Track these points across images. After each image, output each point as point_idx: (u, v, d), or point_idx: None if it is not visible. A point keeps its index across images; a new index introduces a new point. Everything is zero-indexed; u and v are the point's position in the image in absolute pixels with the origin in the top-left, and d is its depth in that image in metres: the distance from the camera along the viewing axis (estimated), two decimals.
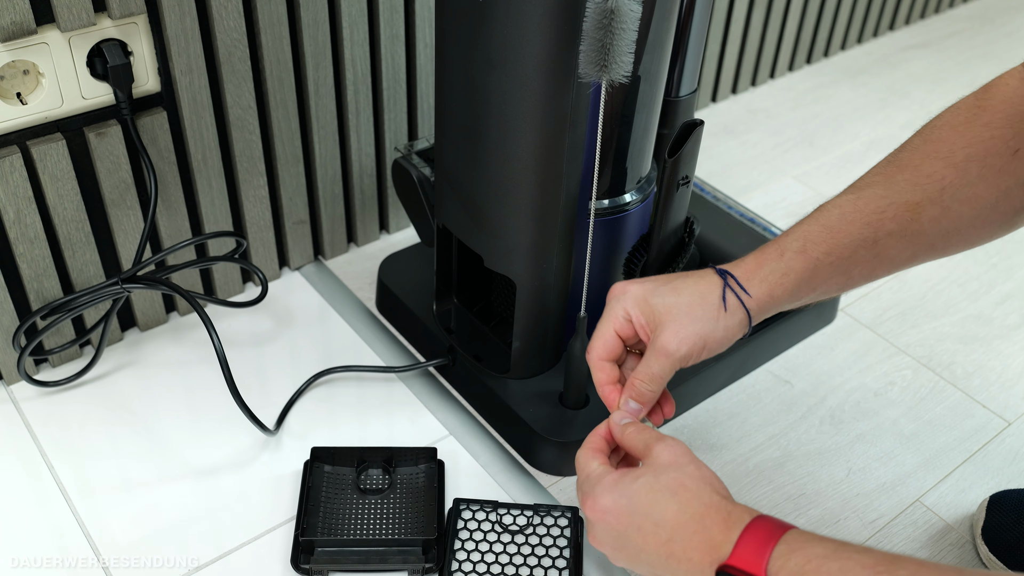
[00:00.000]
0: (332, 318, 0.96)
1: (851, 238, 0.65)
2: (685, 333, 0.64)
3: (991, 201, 0.64)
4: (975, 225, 0.65)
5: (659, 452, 0.61)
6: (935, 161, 0.65)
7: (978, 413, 0.89)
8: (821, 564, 0.52)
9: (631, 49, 0.60)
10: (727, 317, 0.65)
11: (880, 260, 0.66)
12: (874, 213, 0.65)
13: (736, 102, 1.32)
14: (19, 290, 0.83)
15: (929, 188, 0.64)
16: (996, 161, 0.63)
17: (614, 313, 0.67)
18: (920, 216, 0.64)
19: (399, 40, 0.92)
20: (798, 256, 0.65)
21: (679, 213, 0.77)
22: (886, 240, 0.65)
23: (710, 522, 0.57)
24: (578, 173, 0.71)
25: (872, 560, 0.51)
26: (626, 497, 0.59)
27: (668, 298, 0.65)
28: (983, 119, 0.65)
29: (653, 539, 0.58)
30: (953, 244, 0.66)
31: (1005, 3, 1.60)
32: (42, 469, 0.80)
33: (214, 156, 0.87)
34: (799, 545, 0.53)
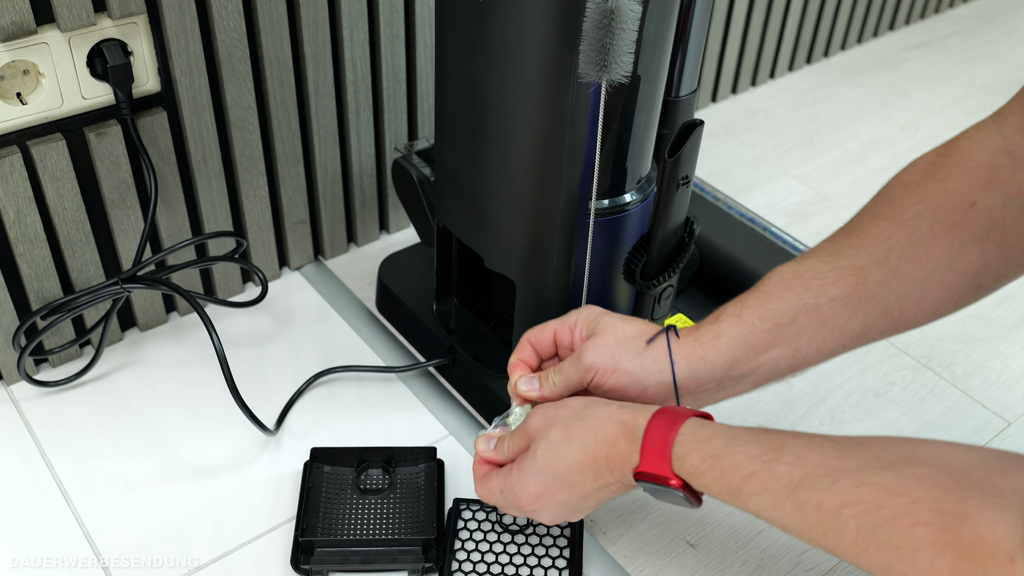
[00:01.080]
0: (332, 318, 0.96)
1: (789, 303, 0.63)
2: (604, 349, 0.65)
3: (944, 259, 0.61)
4: (930, 287, 0.61)
5: (532, 425, 0.65)
6: (882, 222, 0.62)
7: (978, 413, 0.89)
8: (714, 463, 0.56)
9: (631, 49, 0.60)
10: (647, 355, 0.65)
11: (828, 329, 0.63)
12: (815, 278, 0.63)
13: (736, 102, 1.32)
14: (19, 290, 0.83)
15: (874, 249, 0.62)
16: (948, 215, 0.60)
17: (567, 318, 0.69)
18: (866, 279, 0.61)
19: (399, 40, 0.92)
20: (733, 319, 0.64)
21: (679, 213, 0.77)
22: (829, 306, 0.62)
23: (613, 438, 0.60)
24: (578, 173, 0.71)
25: (759, 450, 0.54)
26: (541, 473, 0.63)
27: (615, 322, 0.67)
28: (938, 174, 0.62)
29: (585, 483, 0.62)
30: (911, 312, 0.63)
31: (1005, 3, 1.60)
32: (42, 469, 0.80)
33: (214, 156, 0.87)
34: (693, 445, 0.57)
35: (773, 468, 0.53)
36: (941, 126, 1.29)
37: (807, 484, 0.51)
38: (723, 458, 0.55)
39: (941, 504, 0.46)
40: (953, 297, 0.62)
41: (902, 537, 0.46)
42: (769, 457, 0.54)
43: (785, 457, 0.53)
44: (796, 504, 0.51)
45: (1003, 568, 0.43)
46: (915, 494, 0.47)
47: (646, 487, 0.59)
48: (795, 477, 0.52)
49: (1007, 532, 0.43)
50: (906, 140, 1.26)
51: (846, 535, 0.49)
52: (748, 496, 0.54)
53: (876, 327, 0.63)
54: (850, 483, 0.49)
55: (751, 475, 0.54)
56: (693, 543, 0.76)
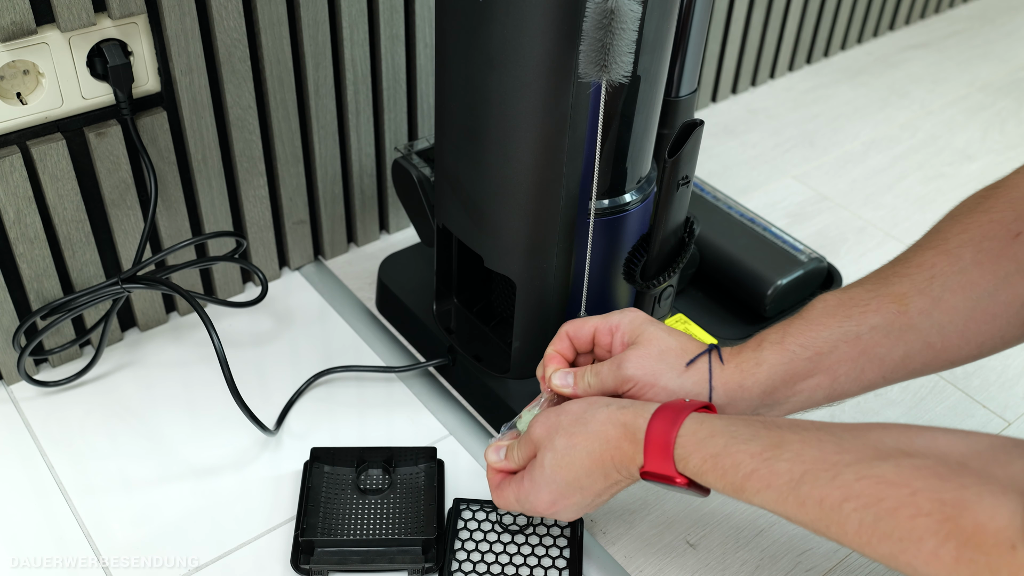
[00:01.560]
0: (332, 318, 0.96)
1: (830, 331, 0.62)
2: (644, 362, 0.66)
3: (988, 289, 0.60)
4: (973, 318, 0.60)
5: (536, 434, 0.66)
6: (926, 251, 0.62)
7: (978, 413, 0.89)
8: (715, 463, 0.56)
9: (631, 49, 0.60)
10: (687, 376, 0.65)
11: (868, 359, 0.62)
12: (857, 306, 0.62)
13: (736, 102, 1.32)
14: (19, 290, 0.83)
15: (917, 277, 0.61)
16: (993, 245, 0.60)
17: (609, 317, 0.70)
18: (907, 308, 0.61)
19: (399, 40, 0.92)
20: (774, 347, 0.64)
21: (679, 213, 0.77)
22: (870, 335, 0.61)
23: (616, 440, 0.61)
24: (578, 173, 0.71)
25: (759, 447, 0.55)
26: (551, 482, 0.64)
27: (659, 333, 0.67)
28: (985, 205, 0.61)
29: (596, 484, 0.63)
30: (953, 344, 0.61)
31: (1005, 3, 1.60)
32: (42, 469, 0.80)
33: (214, 156, 0.87)
34: (693, 446, 0.58)
35: (774, 465, 0.54)
36: (941, 126, 1.29)
37: (808, 480, 0.52)
38: (724, 457, 0.56)
39: (940, 494, 0.46)
40: (999, 330, 0.61)
41: (904, 528, 0.47)
42: (769, 455, 0.54)
43: (785, 454, 0.54)
44: (798, 500, 0.52)
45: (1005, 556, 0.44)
46: (914, 484, 0.47)
47: (653, 483, 0.61)
48: (796, 473, 0.53)
49: (1007, 520, 0.44)
50: (906, 140, 1.26)
51: (849, 528, 0.50)
52: (751, 493, 0.55)
53: (918, 359, 0.62)
54: (850, 476, 0.50)
55: (752, 473, 0.54)
56: (693, 543, 0.76)
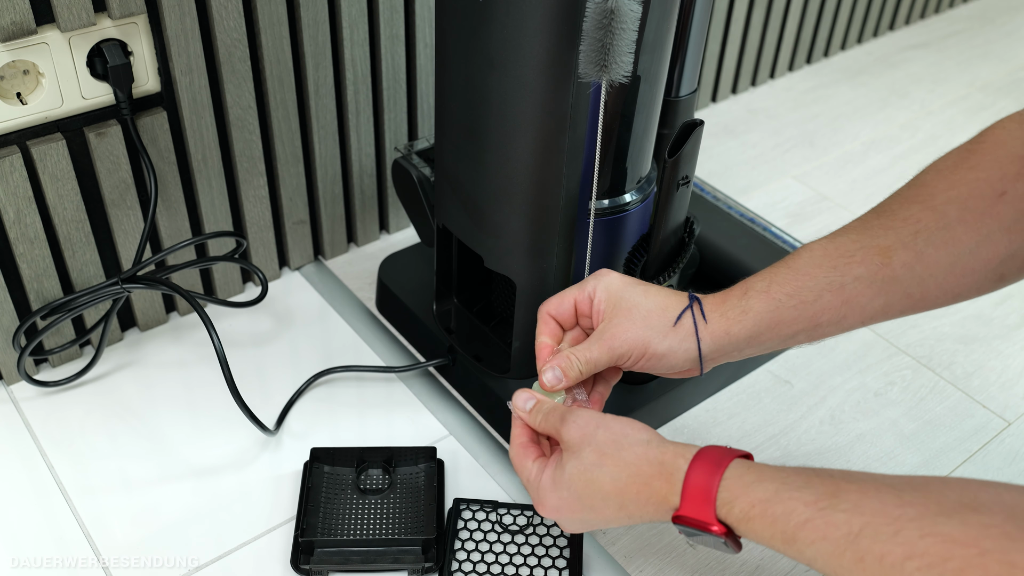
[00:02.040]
0: (332, 318, 0.96)
1: (816, 280, 0.63)
2: (631, 334, 0.65)
3: (970, 246, 0.61)
4: (953, 272, 0.62)
5: (567, 433, 0.62)
6: (912, 205, 0.63)
7: (978, 413, 0.89)
8: (765, 508, 0.53)
9: (631, 49, 0.60)
10: (674, 335, 0.65)
11: (850, 307, 0.63)
12: (842, 256, 0.63)
13: (736, 102, 1.32)
14: (19, 290, 0.83)
15: (902, 231, 0.62)
16: (979, 203, 0.61)
17: (584, 286, 0.68)
18: (891, 260, 0.62)
19: (399, 40, 0.92)
20: (760, 295, 0.64)
21: (679, 213, 0.77)
22: (854, 285, 0.62)
23: (647, 477, 0.59)
24: (578, 173, 0.71)
25: (813, 496, 0.52)
26: (565, 489, 0.62)
27: (637, 297, 0.66)
28: (970, 162, 0.62)
29: (608, 510, 0.61)
30: (932, 295, 0.63)
31: (1005, 3, 1.60)
32: (42, 469, 0.80)
33: (214, 156, 0.87)
34: (740, 490, 0.55)
35: (830, 516, 0.51)
36: (941, 126, 1.29)
37: (868, 534, 0.49)
38: (775, 504, 0.53)
39: (1010, 555, 0.44)
40: (975, 283, 0.63)
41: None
42: (825, 504, 0.51)
43: (842, 504, 0.51)
44: (857, 555, 0.49)
45: None
46: (983, 545, 0.45)
47: (684, 529, 0.57)
48: (855, 526, 0.50)
49: None
50: (906, 140, 1.26)
51: None
52: (804, 544, 0.52)
53: (896, 307, 0.64)
54: (913, 533, 0.47)
55: (806, 522, 0.51)
56: (693, 543, 0.76)
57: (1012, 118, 0.63)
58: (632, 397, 0.83)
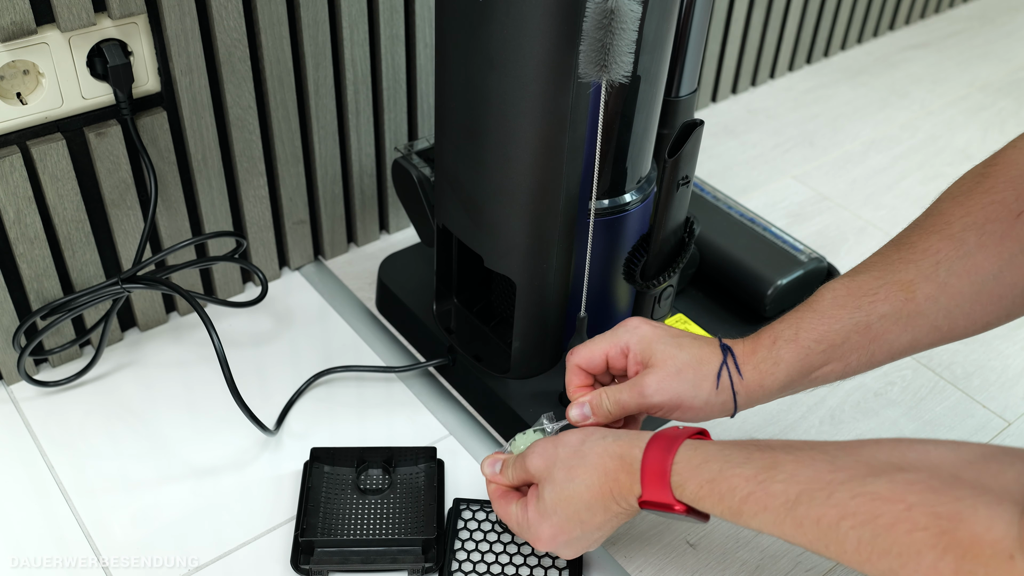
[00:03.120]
0: (332, 318, 0.96)
1: (842, 323, 0.63)
2: (667, 386, 0.66)
3: (993, 271, 0.60)
4: (979, 301, 0.61)
5: (533, 464, 0.66)
6: (931, 236, 0.62)
7: (978, 413, 0.89)
8: (712, 488, 0.57)
9: (631, 49, 0.60)
10: (709, 390, 0.66)
11: (878, 345, 0.63)
12: (866, 295, 0.63)
13: (736, 102, 1.32)
14: (19, 290, 0.83)
15: (923, 264, 0.62)
16: (997, 227, 0.60)
17: (616, 339, 0.69)
18: (915, 295, 0.62)
19: (399, 40, 0.92)
20: (789, 345, 0.65)
21: (679, 213, 0.77)
22: (880, 323, 0.62)
23: (613, 472, 0.62)
24: (578, 173, 0.71)
25: (753, 470, 0.56)
26: (552, 515, 0.64)
27: (670, 349, 0.67)
28: (984, 185, 0.62)
29: (596, 517, 0.63)
30: (960, 325, 0.62)
31: (1005, 3, 1.60)
32: (42, 469, 0.80)
33: (214, 156, 0.87)
34: (689, 473, 0.58)
35: (769, 487, 0.54)
36: (941, 126, 1.29)
37: (804, 500, 0.52)
38: (719, 482, 0.57)
39: (935, 507, 0.47)
40: (1004, 309, 0.62)
41: (902, 543, 0.47)
42: (764, 477, 0.55)
43: (779, 475, 0.54)
44: (795, 521, 0.53)
45: (1004, 566, 0.44)
46: (909, 500, 0.48)
47: (652, 512, 0.61)
48: (791, 494, 0.53)
49: (1003, 531, 0.44)
50: (906, 140, 1.26)
51: (848, 546, 0.50)
52: (748, 516, 0.55)
53: (925, 340, 0.64)
54: (845, 495, 0.50)
55: (748, 496, 0.55)
56: (693, 543, 0.76)
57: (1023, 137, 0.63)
58: None
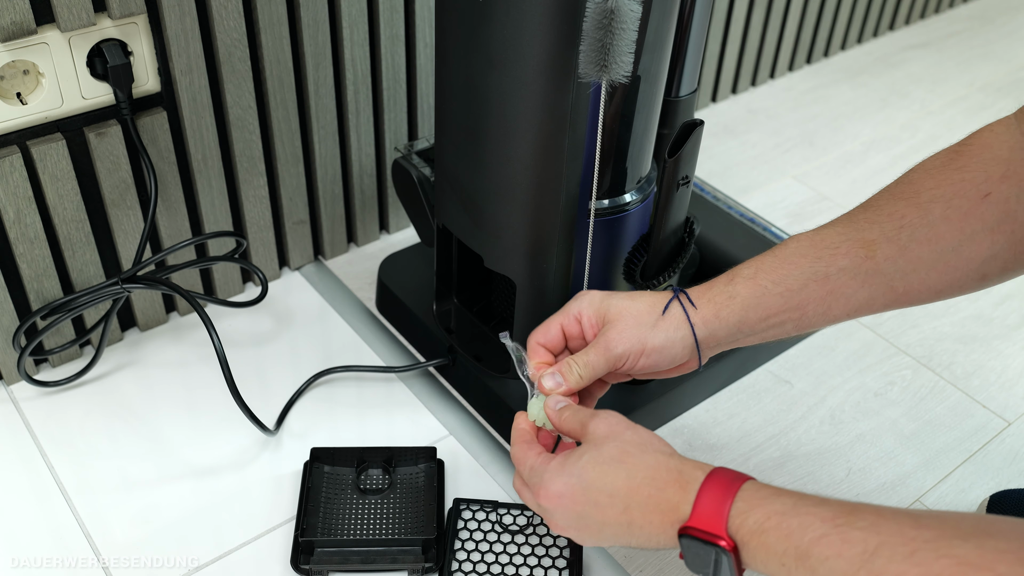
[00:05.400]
0: (332, 318, 0.96)
1: (801, 270, 0.64)
2: (626, 334, 0.66)
3: (953, 243, 0.62)
4: (935, 268, 0.63)
5: (595, 427, 0.62)
6: (898, 201, 0.64)
7: (978, 413, 0.89)
8: (781, 520, 0.52)
9: (631, 49, 0.60)
10: (667, 326, 0.66)
11: (834, 297, 0.64)
12: (827, 248, 0.64)
13: (736, 102, 1.32)
14: (19, 290, 0.83)
15: (887, 226, 0.63)
16: (963, 203, 0.62)
17: (567, 309, 0.69)
18: (875, 253, 0.63)
19: (399, 40, 0.92)
20: (747, 282, 0.65)
21: (679, 213, 0.77)
22: (838, 276, 0.64)
23: (663, 483, 0.57)
24: (578, 173, 0.71)
25: (831, 513, 0.51)
26: (575, 476, 0.60)
27: (623, 303, 0.67)
28: (957, 163, 0.63)
29: (611, 511, 0.59)
30: (915, 290, 0.64)
31: (1005, 3, 1.60)
32: (42, 469, 0.80)
33: (214, 156, 0.87)
34: (757, 502, 0.54)
35: (847, 533, 0.50)
36: (941, 126, 1.29)
37: (883, 553, 0.48)
38: (791, 516, 0.52)
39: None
40: (957, 281, 0.63)
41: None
42: (842, 521, 0.51)
43: (859, 522, 0.50)
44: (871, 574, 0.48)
45: None
46: (998, 569, 0.44)
47: (688, 545, 0.55)
48: (870, 545, 0.49)
49: None
50: (906, 140, 1.26)
51: None
52: (817, 561, 0.50)
53: (880, 300, 0.65)
54: (929, 555, 0.47)
55: (822, 538, 0.50)
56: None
57: (1001, 122, 0.64)
58: (632, 397, 0.83)
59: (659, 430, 0.85)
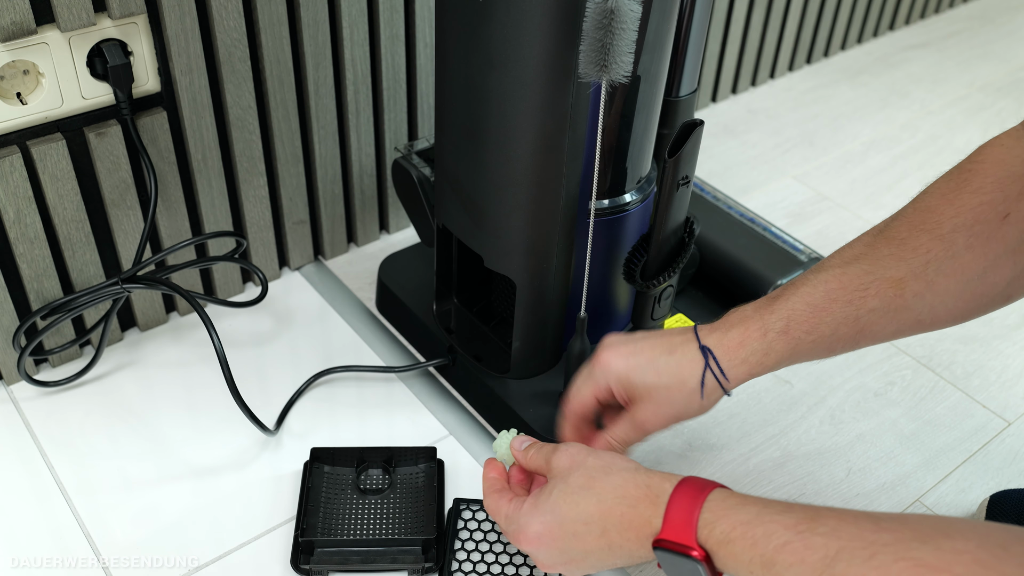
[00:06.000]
0: (332, 318, 0.96)
1: (832, 316, 0.64)
2: (661, 413, 0.68)
3: (978, 271, 0.62)
4: (962, 298, 0.63)
5: (558, 461, 0.64)
6: (921, 234, 0.63)
7: (978, 413, 0.89)
8: (746, 530, 0.54)
9: (631, 49, 0.60)
10: (703, 400, 0.67)
11: (863, 335, 0.65)
12: (857, 290, 0.64)
13: (736, 102, 1.32)
14: (19, 290, 0.83)
15: (913, 263, 0.63)
16: (984, 229, 0.61)
17: (597, 381, 0.70)
18: (904, 292, 0.63)
19: (399, 40, 0.92)
20: (780, 337, 0.65)
21: (679, 213, 0.77)
22: (868, 316, 0.64)
23: (633, 500, 0.59)
24: (578, 173, 0.71)
25: (794, 520, 0.53)
26: (549, 513, 0.62)
27: (649, 379, 0.68)
28: (973, 184, 0.62)
29: (590, 537, 0.61)
30: (941, 319, 0.64)
31: (1005, 3, 1.60)
32: (42, 469, 0.80)
33: (214, 156, 0.87)
34: (723, 512, 0.55)
35: (808, 539, 0.51)
36: (941, 126, 1.29)
37: (843, 558, 0.49)
38: (756, 525, 0.53)
39: None
40: (984, 307, 0.64)
41: None
42: (804, 527, 0.52)
43: (820, 528, 0.51)
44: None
45: None
46: (955, 570, 0.45)
47: (663, 557, 0.57)
48: (831, 550, 0.50)
49: None
50: (906, 140, 1.26)
51: None
52: (781, 568, 0.52)
53: (907, 331, 0.65)
54: (888, 557, 0.48)
55: (785, 545, 0.52)
56: None
57: (1009, 134, 0.63)
58: None
59: None
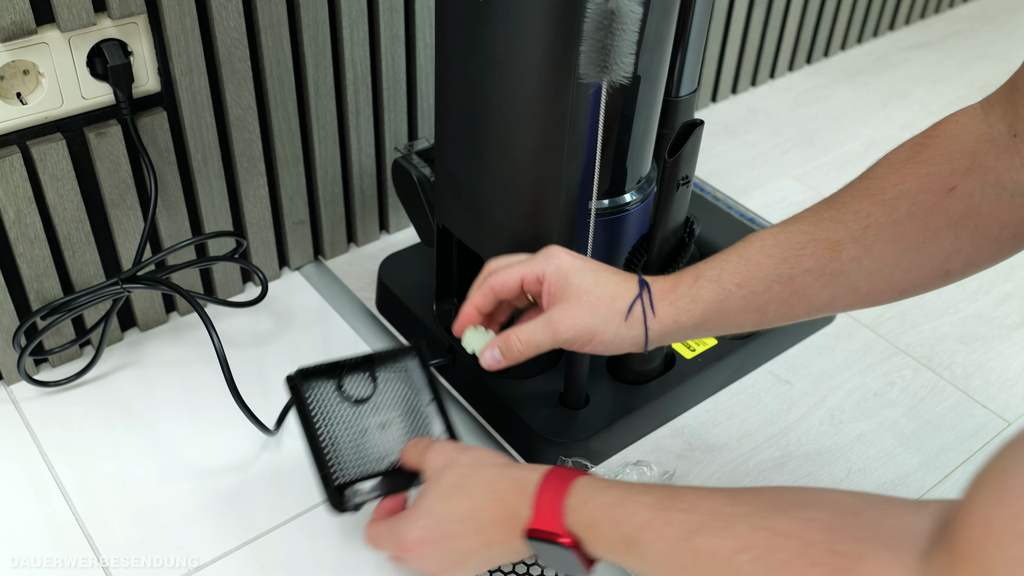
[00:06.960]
0: (332, 318, 0.96)
1: (766, 271, 0.63)
2: (578, 321, 0.65)
3: (918, 241, 0.61)
4: (899, 267, 0.62)
5: (431, 460, 0.64)
6: (864, 199, 0.63)
7: (978, 413, 0.89)
8: (610, 512, 0.55)
9: (632, 50, 0.60)
10: (624, 326, 0.65)
11: (797, 298, 0.64)
12: (793, 248, 0.63)
13: (736, 102, 1.32)
14: (19, 290, 0.83)
15: (853, 225, 0.62)
16: (928, 199, 0.61)
17: (534, 265, 0.67)
18: (840, 255, 0.62)
19: (399, 40, 0.92)
20: (711, 284, 0.65)
21: (679, 213, 0.77)
22: (803, 277, 0.63)
23: (503, 494, 0.60)
24: (578, 173, 0.71)
25: (653, 499, 0.54)
26: (426, 516, 0.62)
27: (585, 282, 0.66)
28: (922, 156, 0.62)
29: (466, 537, 0.61)
30: (878, 290, 0.63)
31: (1005, 3, 1.60)
32: (42, 469, 0.80)
33: (214, 156, 0.87)
34: (588, 496, 0.56)
35: (668, 515, 0.53)
36: None
37: (702, 530, 0.51)
38: (619, 507, 0.55)
39: (834, 545, 0.46)
40: (921, 279, 0.63)
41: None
42: (664, 505, 0.53)
43: (680, 504, 0.53)
44: (692, 552, 0.51)
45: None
46: (808, 536, 0.47)
47: (537, 547, 0.58)
48: (690, 524, 0.51)
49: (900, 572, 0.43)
50: None
51: None
52: (644, 545, 0.53)
53: (843, 300, 0.64)
54: (744, 528, 0.49)
55: (647, 523, 0.53)
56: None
57: (965, 111, 0.63)
58: (632, 397, 0.83)
59: (659, 430, 0.85)
